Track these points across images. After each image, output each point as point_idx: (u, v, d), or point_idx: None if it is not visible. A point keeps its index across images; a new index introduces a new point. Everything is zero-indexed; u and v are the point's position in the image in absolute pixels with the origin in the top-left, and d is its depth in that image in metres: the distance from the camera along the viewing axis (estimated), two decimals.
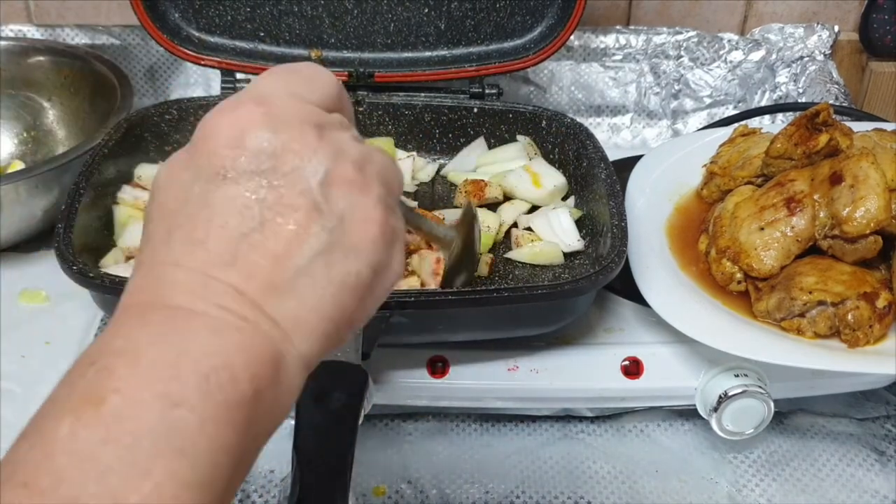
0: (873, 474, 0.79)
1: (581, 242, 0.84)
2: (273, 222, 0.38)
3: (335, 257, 0.39)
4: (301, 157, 0.40)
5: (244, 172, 0.39)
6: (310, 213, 0.39)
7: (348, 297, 0.40)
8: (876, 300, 0.72)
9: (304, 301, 0.39)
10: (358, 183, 0.41)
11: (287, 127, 0.40)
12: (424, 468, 0.78)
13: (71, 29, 1.15)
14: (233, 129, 0.39)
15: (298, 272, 0.38)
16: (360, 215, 0.41)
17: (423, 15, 0.96)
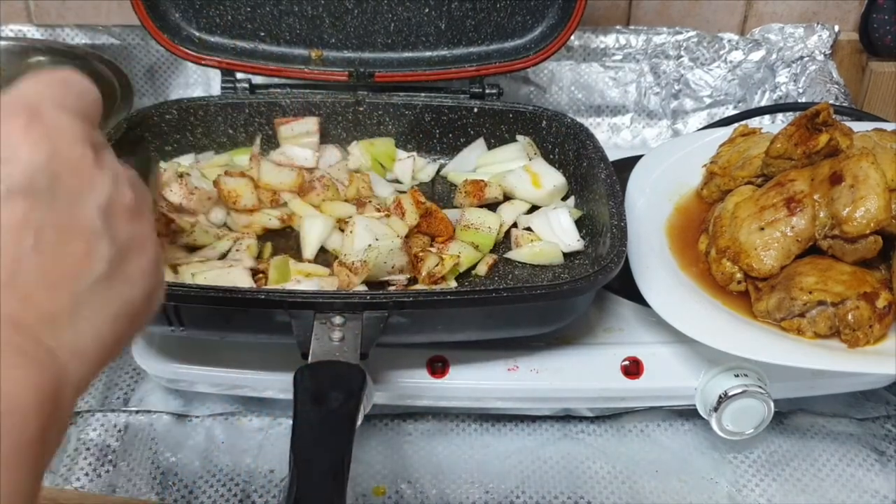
0: (873, 474, 0.79)
1: (581, 242, 0.84)
2: (53, 247, 0.36)
3: (115, 285, 0.39)
4: (81, 179, 0.38)
5: (21, 190, 0.36)
6: (90, 240, 0.38)
7: (125, 324, 0.40)
8: (876, 300, 0.72)
9: (83, 331, 0.38)
10: (135, 211, 0.41)
11: (66, 145, 0.38)
12: (424, 468, 0.78)
13: (71, 29, 1.15)
14: (7, 144, 0.37)
15: (77, 301, 0.37)
16: (138, 244, 0.40)
17: (424, 15, 0.96)
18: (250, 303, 0.69)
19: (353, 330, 0.66)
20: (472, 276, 0.84)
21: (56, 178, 0.37)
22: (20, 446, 0.33)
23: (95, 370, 0.39)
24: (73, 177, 0.38)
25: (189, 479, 0.77)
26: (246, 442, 0.81)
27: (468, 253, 0.83)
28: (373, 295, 0.74)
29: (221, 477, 0.78)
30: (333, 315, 0.67)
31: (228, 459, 0.79)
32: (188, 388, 0.81)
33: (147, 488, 0.76)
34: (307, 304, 0.68)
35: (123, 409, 0.82)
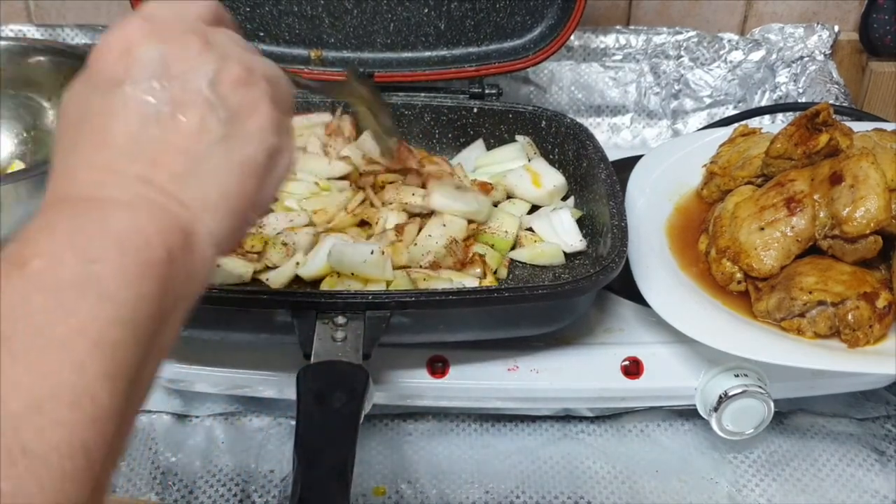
0: (873, 474, 0.79)
1: (583, 243, 0.84)
2: (170, 118, 0.43)
3: (232, 144, 0.45)
4: (188, 61, 0.44)
5: (136, 79, 0.43)
6: (203, 108, 0.44)
7: (248, 178, 0.46)
8: (876, 300, 0.72)
9: (208, 184, 0.44)
10: (244, 80, 0.46)
11: (172, 36, 0.45)
12: (424, 468, 0.78)
13: (71, 29, 1.15)
14: (121, 42, 0.44)
15: (199, 160, 0.43)
16: (249, 107, 0.46)
17: (423, 15, 0.96)
18: (252, 303, 0.69)
19: (355, 330, 0.66)
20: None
21: (165, 65, 0.44)
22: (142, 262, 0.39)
23: (231, 222, 0.45)
24: (180, 61, 0.44)
25: (189, 479, 0.77)
26: (246, 442, 0.81)
27: (491, 254, 0.83)
28: (375, 295, 0.74)
29: (221, 477, 0.78)
30: (336, 315, 0.67)
31: (228, 459, 0.79)
32: (188, 388, 0.81)
33: (147, 488, 0.76)
34: (309, 304, 0.68)
35: None
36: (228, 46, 0.47)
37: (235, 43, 0.48)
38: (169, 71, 0.44)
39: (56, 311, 0.35)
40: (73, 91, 0.45)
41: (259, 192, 0.47)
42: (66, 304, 0.36)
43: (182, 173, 0.43)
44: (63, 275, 0.36)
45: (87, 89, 0.44)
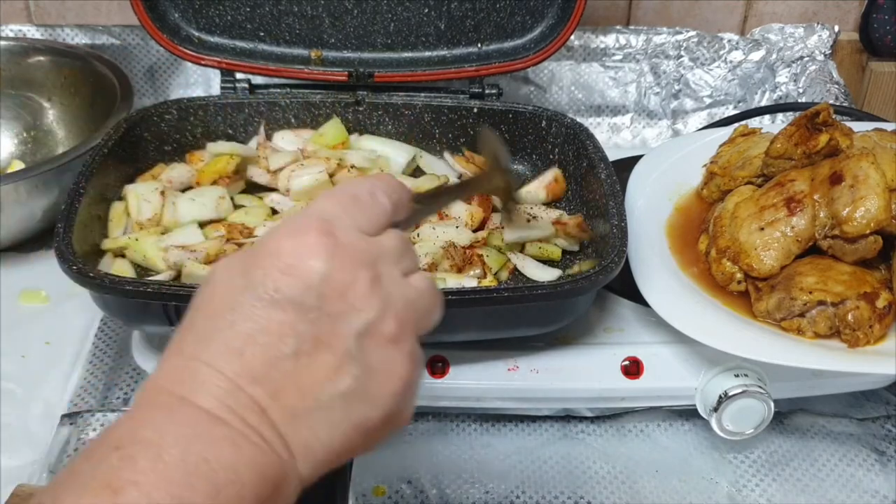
0: (873, 474, 0.79)
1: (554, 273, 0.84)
2: (307, 356, 0.41)
3: (355, 402, 0.42)
4: (347, 304, 0.42)
5: (292, 301, 0.41)
6: (342, 358, 0.41)
7: (357, 437, 0.43)
8: (876, 300, 0.72)
9: (318, 433, 0.41)
10: (394, 338, 0.43)
11: (343, 266, 0.42)
12: (424, 468, 0.78)
13: (71, 29, 1.15)
14: (292, 255, 0.42)
15: (319, 406, 0.41)
16: (388, 369, 0.43)
17: (424, 15, 0.96)
18: None
19: None
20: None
21: (324, 298, 0.41)
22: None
23: (322, 470, 0.42)
24: (340, 300, 0.42)
25: None
26: None
27: (495, 256, 0.83)
28: None
29: None
30: None
31: None
32: None
33: None
34: None
35: (123, 408, 0.82)
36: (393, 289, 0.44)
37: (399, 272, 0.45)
38: (326, 304, 0.41)
39: None
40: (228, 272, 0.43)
41: (360, 449, 0.44)
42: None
43: (298, 415, 0.41)
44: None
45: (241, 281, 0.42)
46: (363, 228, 0.45)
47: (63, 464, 0.77)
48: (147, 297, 0.69)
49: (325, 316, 0.41)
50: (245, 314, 0.41)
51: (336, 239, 0.43)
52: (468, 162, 0.95)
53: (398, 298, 0.44)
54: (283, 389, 0.40)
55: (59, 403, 0.82)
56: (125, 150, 0.88)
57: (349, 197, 0.46)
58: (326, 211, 0.44)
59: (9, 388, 0.83)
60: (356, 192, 0.46)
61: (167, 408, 0.39)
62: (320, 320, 0.41)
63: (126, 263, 0.81)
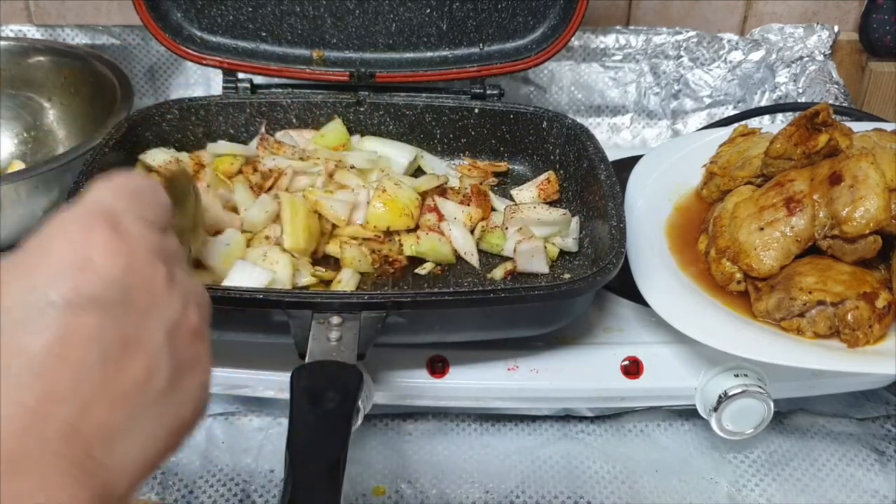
0: (873, 474, 0.79)
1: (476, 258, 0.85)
2: (116, 361, 0.37)
3: (169, 403, 0.39)
4: (152, 297, 0.39)
5: (93, 300, 0.36)
6: (153, 357, 0.38)
7: (172, 440, 0.40)
8: (875, 300, 0.72)
9: (135, 446, 0.38)
10: (197, 331, 0.41)
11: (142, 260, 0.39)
12: (424, 468, 0.78)
13: (71, 29, 1.15)
14: (82, 249, 0.37)
15: (134, 416, 0.37)
16: (195, 364, 0.41)
17: (425, 15, 0.97)
18: (248, 302, 0.69)
19: (350, 330, 0.66)
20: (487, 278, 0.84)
21: (128, 294, 0.38)
22: None
23: (138, 485, 0.38)
24: (145, 294, 0.38)
25: (189, 479, 0.77)
26: (246, 442, 0.81)
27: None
28: (371, 295, 0.74)
29: (221, 477, 0.78)
30: (331, 315, 0.67)
31: (228, 459, 0.79)
32: None
33: (147, 488, 0.76)
34: (305, 303, 0.68)
35: None
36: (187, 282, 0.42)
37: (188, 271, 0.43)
38: (131, 299, 0.38)
39: None
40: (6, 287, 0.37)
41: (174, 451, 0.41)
42: None
43: (112, 429, 0.36)
44: None
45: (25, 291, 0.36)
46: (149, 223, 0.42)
47: None
48: None
49: (132, 312, 0.38)
50: (37, 327, 0.35)
51: (127, 232, 0.39)
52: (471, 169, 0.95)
53: (193, 292, 0.42)
54: (93, 404, 0.36)
55: None
56: (126, 149, 0.88)
57: (131, 189, 0.42)
58: (109, 202, 0.40)
59: None
60: (137, 185, 0.43)
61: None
62: (126, 317, 0.37)
63: None
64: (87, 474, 0.35)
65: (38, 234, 0.38)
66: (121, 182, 0.42)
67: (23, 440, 0.34)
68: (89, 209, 0.39)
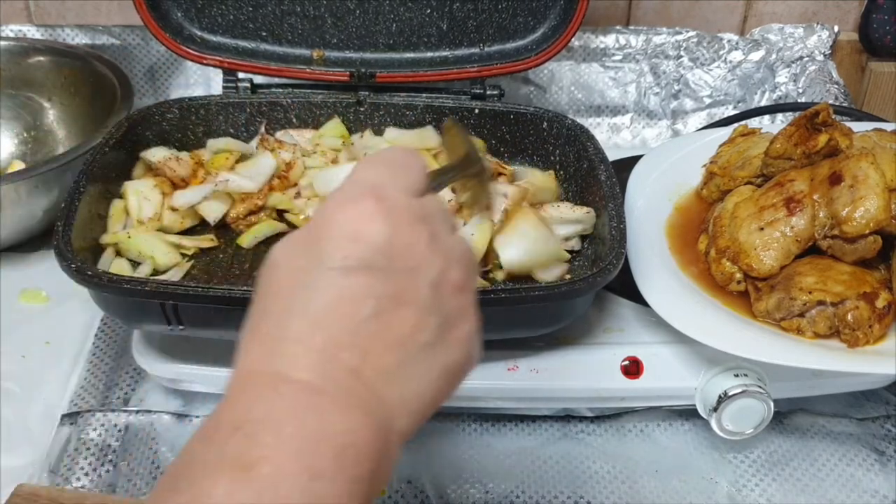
0: (873, 474, 0.79)
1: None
2: (389, 313, 0.42)
3: (439, 350, 0.44)
4: (415, 256, 0.44)
5: (362, 265, 0.42)
6: (421, 311, 0.43)
7: (445, 383, 0.45)
8: (875, 300, 0.72)
9: (410, 387, 0.43)
10: (461, 286, 0.46)
11: (403, 226, 0.44)
12: (424, 468, 0.78)
13: (71, 29, 1.15)
14: (354, 222, 0.43)
15: (407, 361, 0.43)
16: (462, 314, 0.46)
17: (426, 16, 0.96)
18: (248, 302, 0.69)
19: None
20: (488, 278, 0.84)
21: (393, 258, 0.43)
22: (354, 479, 0.38)
23: (417, 423, 0.44)
24: (408, 256, 0.44)
25: None
26: None
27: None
28: None
29: None
30: None
31: None
32: (188, 388, 0.81)
33: (147, 488, 0.76)
34: None
35: (124, 409, 0.82)
36: (450, 242, 0.47)
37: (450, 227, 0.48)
38: (396, 263, 0.43)
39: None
40: (291, 249, 0.44)
41: (447, 395, 0.46)
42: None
43: (389, 371, 0.42)
44: (288, 491, 0.36)
45: (306, 257, 0.43)
46: (409, 191, 0.46)
47: (63, 463, 0.77)
48: (145, 295, 0.69)
49: (397, 273, 0.43)
50: (319, 287, 0.42)
51: (391, 202, 0.44)
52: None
53: (455, 252, 0.47)
54: (371, 351, 0.42)
55: (59, 403, 0.82)
56: (126, 149, 0.88)
57: (389, 162, 0.48)
58: (372, 178, 0.46)
59: (9, 388, 0.83)
60: (394, 158, 0.48)
61: (268, 387, 0.40)
62: (393, 278, 0.43)
63: (125, 262, 0.81)
64: (371, 407, 0.41)
65: (320, 211, 0.45)
66: (382, 157, 0.49)
67: (317, 374, 0.40)
68: (357, 183, 0.45)
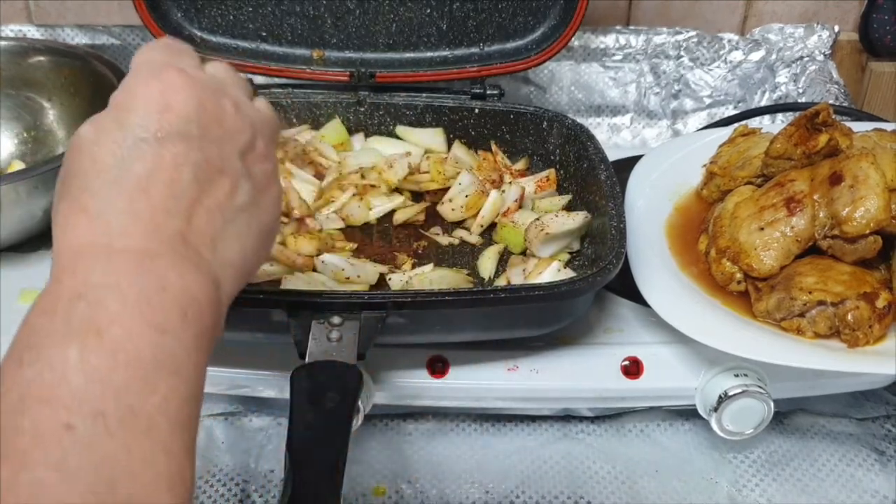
0: (873, 474, 0.79)
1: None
2: (206, 181, 0.45)
3: (252, 213, 0.48)
4: (224, 126, 0.47)
5: (176, 134, 0.44)
6: (234, 177, 0.47)
7: (260, 244, 0.49)
8: (876, 300, 0.72)
9: (233, 248, 0.46)
10: (265, 155, 0.50)
11: (208, 95, 0.46)
12: (424, 468, 0.78)
13: (71, 29, 1.15)
14: (161, 94, 0.45)
15: (227, 224, 0.46)
16: (268, 179, 0.50)
17: (425, 15, 0.96)
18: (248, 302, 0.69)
19: (350, 330, 0.66)
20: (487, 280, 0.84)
21: (204, 126, 0.45)
22: (198, 333, 0.41)
23: (240, 283, 0.47)
24: (218, 125, 0.46)
25: None
26: (246, 442, 0.81)
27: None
28: (371, 295, 0.74)
29: (221, 477, 0.78)
30: (332, 315, 0.67)
31: (228, 459, 0.79)
32: None
33: None
34: (305, 304, 0.68)
35: None
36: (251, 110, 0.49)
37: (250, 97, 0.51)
38: (208, 132, 0.45)
39: (142, 389, 0.37)
40: (103, 126, 0.45)
41: (263, 255, 0.50)
42: (149, 381, 0.37)
43: (213, 235, 0.45)
44: (141, 348, 0.38)
45: (121, 132, 0.44)
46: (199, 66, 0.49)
47: None
48: None
49: (210, 143, 0.45)
50: (136, 157, 0.43)
51: (191, 73, 0.46)
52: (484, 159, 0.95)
53: (259, 121, 0.50)
54: (194, 215, 0.44)
55: None
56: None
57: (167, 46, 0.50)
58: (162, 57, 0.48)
59: None
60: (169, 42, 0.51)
61: (103, 257, 0.41)
62: (208, 147, 0.45)
63: None
64: (201, 267, 0.43)
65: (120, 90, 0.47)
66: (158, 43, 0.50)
67: (148, 240, 0.42)
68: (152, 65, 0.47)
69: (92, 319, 0.38)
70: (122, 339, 0.37)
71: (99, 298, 0.39)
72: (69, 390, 0.35)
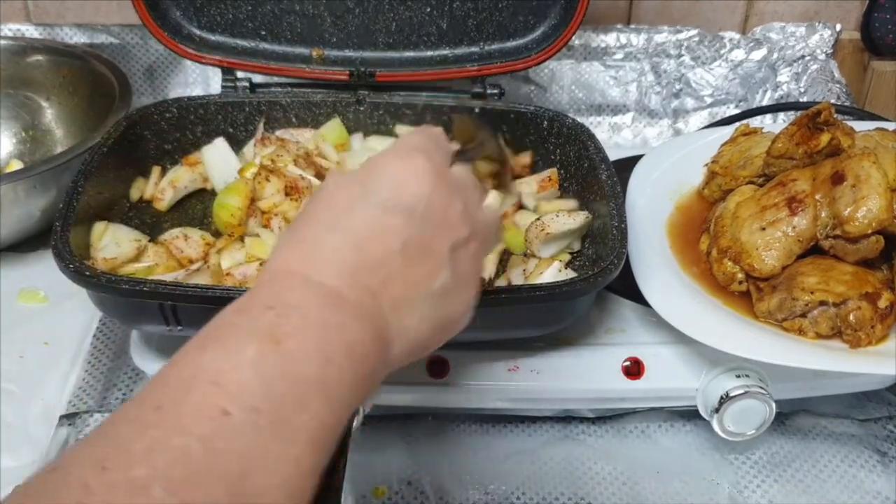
0: (875, 475, 0.79)
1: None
2: (412, 256, 0.49)
3: (443, 301, 0.50)
4: (447, 219, 0.51)
5: (402, 208, 0.49)
6: (439, 263, 0.50)
7: (438, 331, 0.51)
8: (878, 300, 0.71)
9: (412, 322, 0.49)
10: (475, 256, 0.53)
11: (443, 188, 0.51)
12: (424, 468, 0.78)
13: (70, 28, 1.14)
14: (403, 174, 0.50)
15: (417, 299, 0.49)
16: (469, 280, 0.53)
17: (425, 14, 0.96)
18: None
19: None
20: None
21: (429, 213, 0.50)
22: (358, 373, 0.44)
23: (410, 355, 0.50)
24: (441, 216, 0.50)
25: None
26: None
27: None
28: None
29: None
30: None
31: None
32: None
33: None
34: None
35: None
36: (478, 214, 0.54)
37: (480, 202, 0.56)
38: (430, 218, 0.49)
39: (297, 402, 0.40)
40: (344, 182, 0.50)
41: (435, 345, 0.52)
42: (302, 397, 0.40)
43: (400, 304, 0.48)
44: (307, 367, 0.41)
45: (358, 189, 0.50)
46: (447, 162, 0.54)
47: None
48: (144, 296, 0.69)
49: (429, 227, 0.49)
50: (363, 216, 0.48)
51: (436, 165, 0.51)
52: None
53: (481, 224, 0.54)
54: (391, 281, 0.48)
55: (57, 404, 0.82)
56: (124, 148, 0.87)
57: (430, 135, 0.55)
58: (420, 143, 0.52)
59: (8, 389, 0.83)
60: (433, 132, 0.55)
61: (301, 282, 0.46)
62: (425, 229, 0.49)
63: None
64: (378, 326, 0.47)
65: (370, 161, 0.51)
66: (422, 131, 0.55)
67: (342, 284, 0.46)
68: (407, 148, 0.52)
69: (275, 328, 0.42)
70: (294, 353, 0.41)
71: (286, 313, 0.43)
72: (237, 380, 0.39)
